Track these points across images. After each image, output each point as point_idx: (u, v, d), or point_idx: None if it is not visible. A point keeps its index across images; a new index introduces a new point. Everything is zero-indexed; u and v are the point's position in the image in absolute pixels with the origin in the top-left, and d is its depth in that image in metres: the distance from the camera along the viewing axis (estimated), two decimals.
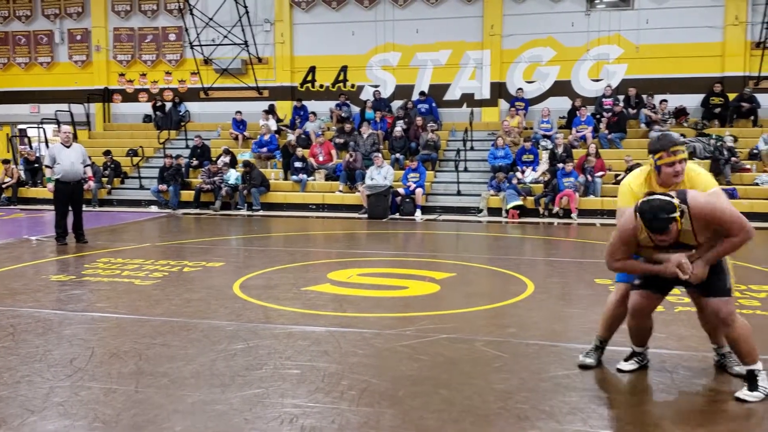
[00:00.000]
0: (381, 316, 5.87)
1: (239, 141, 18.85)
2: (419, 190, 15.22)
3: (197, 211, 16.13)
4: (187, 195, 16.63)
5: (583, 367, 4.39)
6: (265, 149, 17.94)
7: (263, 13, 19.97)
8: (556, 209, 14.37)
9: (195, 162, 17.76)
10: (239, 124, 19.11)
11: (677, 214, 3.68)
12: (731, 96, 16.91)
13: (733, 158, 15.06)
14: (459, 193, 15.98)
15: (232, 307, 6.17)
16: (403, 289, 7.01)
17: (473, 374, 4.34)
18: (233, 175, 16.63)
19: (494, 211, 14.95)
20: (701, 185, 3.93)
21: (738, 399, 3.84)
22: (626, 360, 4.42)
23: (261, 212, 15.83)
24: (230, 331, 5.35)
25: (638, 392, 4.12)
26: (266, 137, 18.11)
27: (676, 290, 4.24)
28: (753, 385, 3.87)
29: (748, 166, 15.24)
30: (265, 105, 19.59)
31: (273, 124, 18.79)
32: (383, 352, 4.80)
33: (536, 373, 4.37)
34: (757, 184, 14.64)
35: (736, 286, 4.15)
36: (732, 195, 14.30)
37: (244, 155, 17.86)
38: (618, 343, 4.59)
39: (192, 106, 20.78)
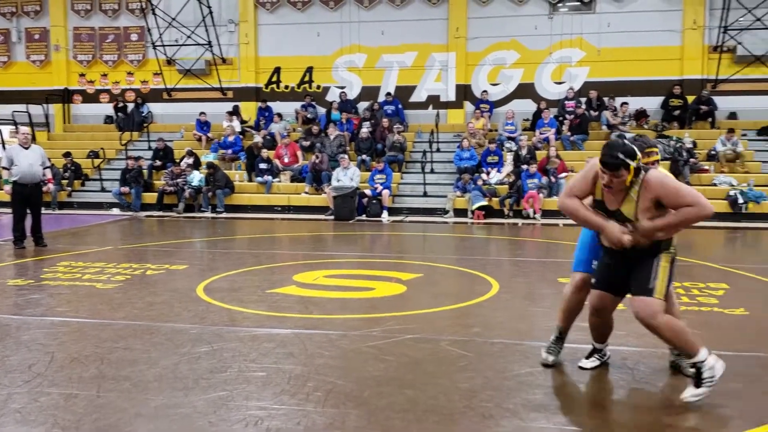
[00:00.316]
0: (347, 317, 5.87)
1: (203, 142, 18.65)
2: (386, 192, 15.24)
3: (160, 213, 15.90)
4: (150, 197, 16.40)
5: (546, 365, 4.43)
6: (230, 151, 17.78)
7: (227, 14, 19.79)
8: (524, 211, 14.52)
9: (158, 163, 17.52)
10: (203, 125, 18.91)
11: (632, 164, 3.66)
12: (690, 98, 17.29)
13: (691, 159, 15.40)
14: (425, 195, 16.05)
15: (196, 310, 6.10)
16: (370, 291, 7.01)
17: (438, 374, 4.37)
18: (197, 177, 16.44)
19: (460, 212, 15.05)
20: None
21: (685, 401, 3.76)
22: (587, 357, 4.49)
23: (225, 214, 15.69)
24: (194, 334, 5.29)
25: (600, 389, 4.19)
26: (230, 138, 17.96)
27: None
28: (698, 380, 3.78)
29: (707, 167, 15.59)
30: (229, 106, 19.40)
31: (237, 126, 18.63)
32: (349, 354, 4.80)
33: (500, 371, 4.41)
34: (715, 185, 14.98)
35: (693, 284, 4.22)
36: None
37: (208, 157, 17.67)
38: (580, 341, 4.66)
39: (155, 107, 20.48)
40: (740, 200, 14.16)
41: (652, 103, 17.61)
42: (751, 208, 14.15)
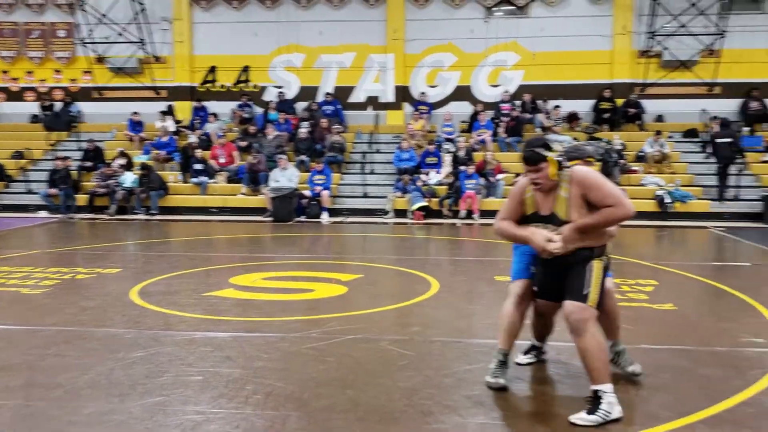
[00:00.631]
0: (286, 319, 5.82)
1: (135, 143, 18.17)
2: (325, 193, 15.18)
3: (91, 215, 15.40)
4: (81, 199, 15.87)
5: (496, 388, 4.09)
6: (163, 151, 17.37)
7: (161, 11, 19.33)
8: (462, 212, 14.70)
9: (88, 164, 16.96)
10: (135, 125, 18.42)
11: (550, 155, 3.71)
12: (619, 102, 17.87)
13: (621, 161, 15.90)
14: (365, 196, 16.07)
15: (130, 315, 5.94)
16: (309, 292, 6.96)
17: (379, 373, 4.38)
18: (129, 178, 15.99)
19: (400, 213, 15.13)
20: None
21: (571, 423, 3.59)
22: (525, 353, 4.58)
23: (159, 216, 15.32)
24: (129, 339, 5.15)
25: (537, 383, 4.28)
26: (164, 139, 17.56)
27: None
28: (594, 408, 3.60)
29: (635, 168, 16.14)
30: (162, 105, 18.99)
31: (171, 125, 18.23)
32: (288, 356, 4.76)
33: (440, 369, 4.45)
34: (643, 185, 15.53)
35: (623, 280, 4.32)
36: None
37: (141, 157, 17.23)
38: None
39: (85, 107, 19.81)
40: (667, 200, 14.72)
41: (583, 106, 18.11)
42: (678, 207, 14.73)
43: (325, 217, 14.95)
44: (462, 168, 15.30)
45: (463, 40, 18.63)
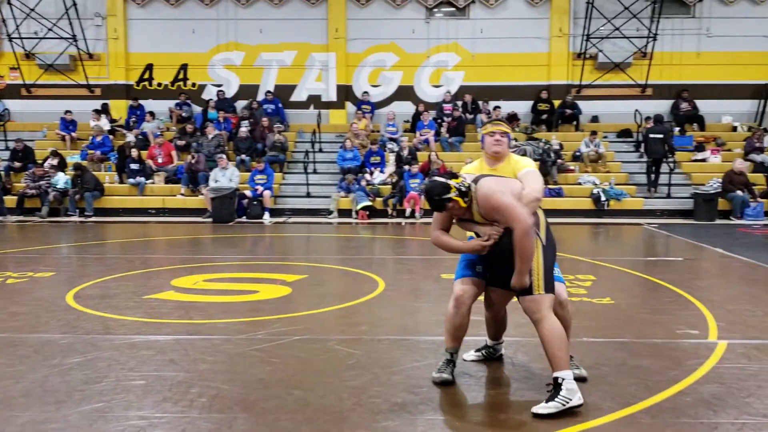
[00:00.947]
0: (230, 321, 5.71)
1: (68, 142, 17.57)
2: (267, 193, 15.01)
3: (21, 218, 14.81)
4: (10, 201, 15.23)
5: (442, 383, 4.10)
6: (98, 151, 16.84)
7: (93, 6, 18.77)
8: (407, 211, 14.77)
9: (17, 165, 16.29)
10: (68, 124, 17.82)
11: (452, 195, 3.80)
12: (556, 103, 18.30)
13: (559, 160, 16.29)
14: (308, 195, 15.96)
15: (66, 319, 5.72)
16: (254, 293, 6.86)
17: (327, 373, 4.34)
18: (62, 179, 15.46)
19: (344, 213, 15.09)
20: (521, 166, 4.13)
21: (534, 415, 3.62)
22: (476, 350, 4.60)
23: (95, 218, 14.86)
24: (65, 344, 4.95)
25: (483, 378, 4.31)
26: (98, 138, 17.04)
27: None
28: (553, 394, 3.65)
29: (572, 168, 16.55)
30: (97, 104, 18.43)
31: (106, 124, 17.71)
32: (234, 358, 4.67)
33: (388, 367, 4.44)
34: (580, 184, 15.94)
35: (564, 275, 4.39)
36: (558, 194, 15.50)
37: (74, 157, 16.67)
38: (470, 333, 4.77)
39: (12, 104, 19.07)
40: (602, 198, 15.14)
41: (522, 107, 18.47)
42: (613, 205, 15.18)
43: (266, 218, 14.78)
44: (406, 167, 15.37)
45: (405, 40, 18.73)
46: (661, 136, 15.56)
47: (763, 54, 18.12)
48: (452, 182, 3.84)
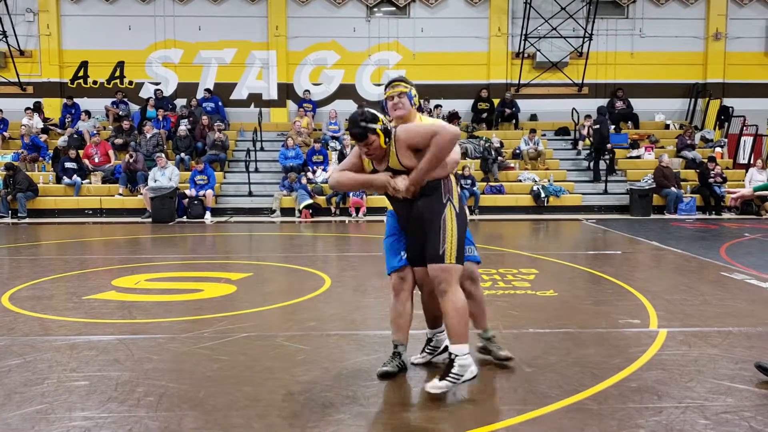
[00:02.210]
0: (175, 320, 5.59)
1: None
2: (209, 192, 14.76)
3: None
4: None
5: (383, 375, 4.08)
6: (28, 151, 16.23)
7: (25, 2, 18.07)
8: (350, 210, 14.76)
9: None
10: None
11: (378, 127, 3.75)
12: (496, 101, 18.59)
13: (499, 158, 16.57)
14: (250, 194, 15.76)
15: (2, 321, 5.50)
16: (198, 292, 6.74)
17: (276, 369, 4.30)
18: None
19: (287, 211, 14.97)
20: (431, 122, 4.03)
21: (428, 393, 3.70)
22: (421, 352, 4.43)
23: (28, 219, 14.32)
24: (1, 346, 4.76)
25: (432, 369, 4.32)
26: (27, 138, 16.40)
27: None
28: (446, 372, 3.70)
29: (513, 165, 16.85)
30: (29, 102, 17.75)
31: (39, 123, 17.09)
32: (180, 356, 4.58)
33: (338, 361, 4.44)
34: (520, 181, 16.25)
35: (507, 270, 4.43)
36: (499, 191, 15.77)
37: (5, 157, 16.03)
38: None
39: None
40: (542, 194, 15.47)
41: (463, 106, 18.69)
42: (552, 201, 15.54)
43: (208, 217, 14.54)
44: None
45: (346, 39, 18.71)
46: (596, 126, 16.19)
47: (694, 54, 18.86)
48: (381, 116, 3.82)
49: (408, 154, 3.78)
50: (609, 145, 16.53)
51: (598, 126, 16.25)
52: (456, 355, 3.71)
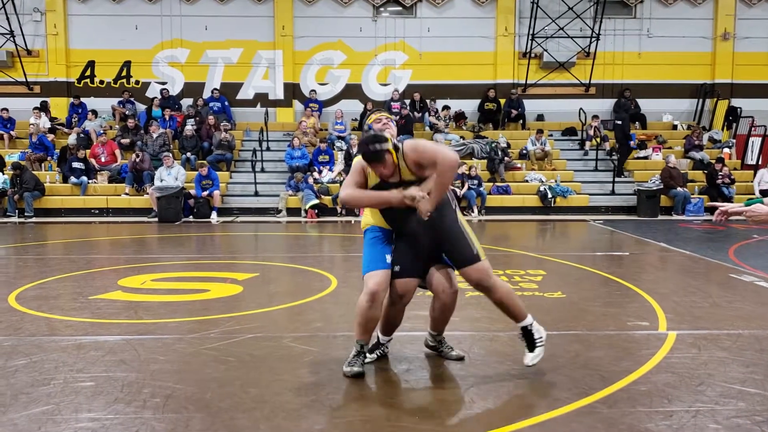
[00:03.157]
0: (182, 320, 5.58)
1: (6, 141, 16.93)
2: (216, 192, 14.77)
3: None
4: None
5: (353, 376, 4.10)
6: (35, 151, 16.27)
7: (32, 2, 18.13)
8: (356, 209, 14.73)
9: None
10: (5, 122, 17.17)
11: (389, 146, 3.86)
12: (503, 101, 18.54)
13: (506, 158, 16.52)
14: (257, 194, 15.76)
15: (9, 321, 5.49)
16: (204, 292, 6.73)
17: (283, 371, 4.28)
18: (0, 179, 14.89)
19: (293, 211, 14.97)
20: (429, 144, 4.14)
21: (529, 366, 4.07)
22: (370, 351, 4.41)
23: (35, 219, 14.36)
24: (8, 346, 4.75)
25: (439, 372, 4.31)
26: (35, 138, 16.45)
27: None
28: (531, 344, 4.08)
29: (519, 165, 16.81)
30: (36, 101, 17.80)
31: (46, 123, 17.13)
32: (186, 357, 4.56)
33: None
34: (527, 181, 16.20)
35: (514, 271, 4.44)
36: (506, 191, 15.73)
37: (13, 157, 16.08)
38: (420, 329, 4.78)
39: None
40: (549, 195, 15.43)
41: (469, 106, 18.66)
42: (559, 201, 15.49)
43: (214, 217, 14.55)
44: None
45: (353, 39, 18.69)
46: (620, 123, 16.35)
47: (702, 54, 18.78)
48: (387, 135, 3.96)
49: (416, 167, 3.95)
50: (631, 142, 16.56)
51: (620, 122, 16.27)
52: (530, 325, 4.08)
